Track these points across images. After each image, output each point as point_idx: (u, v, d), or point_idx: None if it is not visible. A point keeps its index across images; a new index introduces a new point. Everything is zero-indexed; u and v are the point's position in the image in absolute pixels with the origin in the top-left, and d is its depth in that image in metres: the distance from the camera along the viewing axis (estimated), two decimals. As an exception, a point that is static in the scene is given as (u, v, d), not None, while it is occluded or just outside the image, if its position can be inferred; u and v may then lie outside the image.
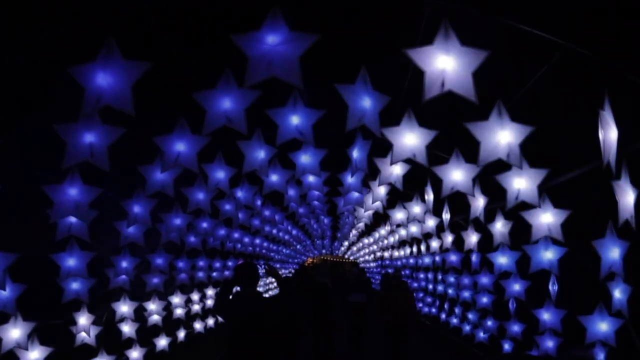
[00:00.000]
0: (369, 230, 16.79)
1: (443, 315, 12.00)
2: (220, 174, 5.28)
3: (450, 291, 10.82)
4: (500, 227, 5.76)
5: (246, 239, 10.72)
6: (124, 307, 6.95)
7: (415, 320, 9.43)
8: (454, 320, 10.87)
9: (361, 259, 27.09)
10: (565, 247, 5.02)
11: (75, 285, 5.38)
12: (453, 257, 8.90)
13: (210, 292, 11.25)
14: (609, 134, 3.08)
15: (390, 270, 16.15)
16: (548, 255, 5.12)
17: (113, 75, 3.08)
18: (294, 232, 15.80)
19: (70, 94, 3.17)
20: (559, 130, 4.97)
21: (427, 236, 9.65)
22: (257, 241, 12.23)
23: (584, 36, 3.79)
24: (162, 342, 8.39)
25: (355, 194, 6.55)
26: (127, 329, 7.15)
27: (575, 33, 3.80)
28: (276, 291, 21.42)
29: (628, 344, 5.09)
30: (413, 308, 8.88)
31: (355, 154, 4.90)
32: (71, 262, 5.09)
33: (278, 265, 21.12)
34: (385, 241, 14.74)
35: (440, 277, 11.87)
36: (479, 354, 9.27)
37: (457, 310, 10.67)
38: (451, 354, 11.19)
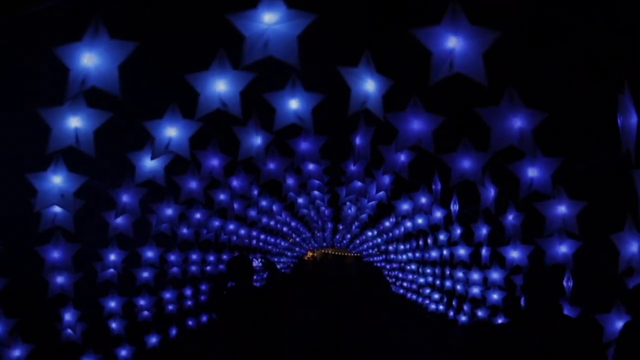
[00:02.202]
0: (372, 221, 16.80)
1: (451, 313, 12.04)
2: (214, 162, 5.28)
3: (458, 287, 10.84)
4: (512, 219, 5.76)
5: (242, 231, 10.74)
6: (112, 303, 6.98)
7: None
8: (463, 318, 10.89)
9: (364, 253, 27.12)
10: (581, 240, 5.03)
11: (60, 279, 5.40)
12: (462, 251, 8.90)
13: (203, 287, 11.28)
14: (629, 120, 3.07)
15: (394, 265, 16.42)
16: (563, 249, 5.13)
17: (99, 56, 3.08)
18: (292, 223, 15.81)
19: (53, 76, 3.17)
20: (575, 116, 4.96)
21: (434, 228, 9.66)
22: (254, 233, 12.25)
23: (603, 18, 3.77)
24: (153, 339, 8.44)
25: (358, 184, 6.56)
26: (115, 325, 7.20)
27: (595, 15, 3.79)
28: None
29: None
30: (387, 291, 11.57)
31: (358, 140, 4.90)
32: (56, 254, 5.10)
33: (276, 259, 21.17)
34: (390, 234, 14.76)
35: (448, 272, 11.88)
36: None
37: (465, 307, 10.70)
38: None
